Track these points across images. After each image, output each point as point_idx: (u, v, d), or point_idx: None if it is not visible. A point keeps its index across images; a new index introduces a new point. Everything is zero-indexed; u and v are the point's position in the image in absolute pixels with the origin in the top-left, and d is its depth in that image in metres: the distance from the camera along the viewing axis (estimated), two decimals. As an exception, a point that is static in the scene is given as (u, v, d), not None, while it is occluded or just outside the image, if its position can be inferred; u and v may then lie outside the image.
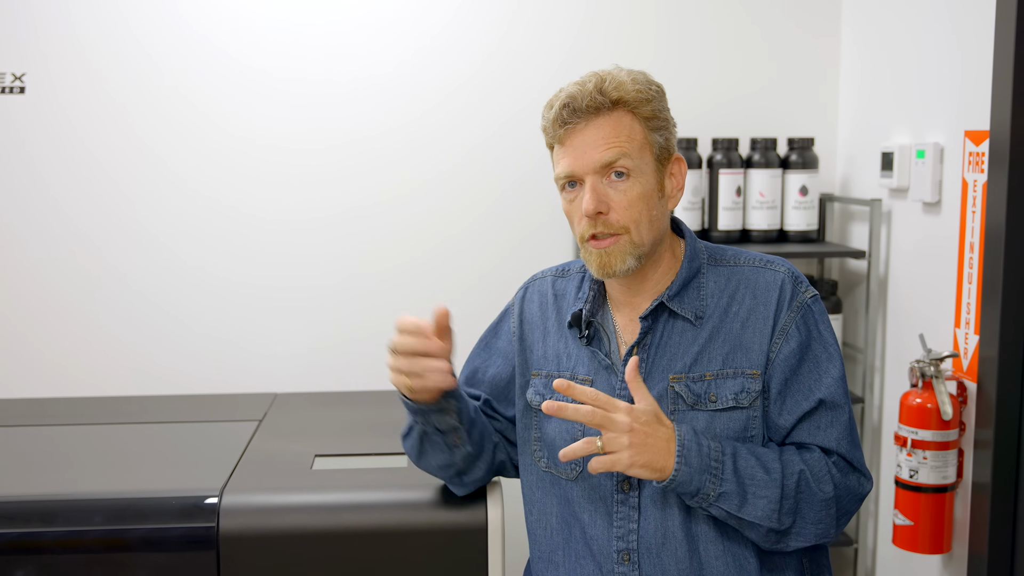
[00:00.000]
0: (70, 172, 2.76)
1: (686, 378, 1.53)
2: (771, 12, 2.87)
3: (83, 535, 1.79)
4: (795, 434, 1.54)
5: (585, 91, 1.50)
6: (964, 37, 2.28)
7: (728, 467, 1.45)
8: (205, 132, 2.78)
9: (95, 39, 2.74)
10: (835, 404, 1.53)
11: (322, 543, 1.76)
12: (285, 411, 2.34)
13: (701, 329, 1.55)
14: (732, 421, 1.51)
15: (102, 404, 2.50)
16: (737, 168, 2.74)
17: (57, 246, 2.78)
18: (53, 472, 2.00)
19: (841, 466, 1.53)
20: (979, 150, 2.21)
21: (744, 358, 1.53)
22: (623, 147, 1.49)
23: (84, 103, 2.75)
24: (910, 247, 2.55)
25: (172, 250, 2.81)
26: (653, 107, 1.52)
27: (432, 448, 1.65)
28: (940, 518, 2.28)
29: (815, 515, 1.49)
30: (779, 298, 1.55)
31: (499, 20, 2.82)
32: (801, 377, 1.53)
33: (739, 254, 1.61)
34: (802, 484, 1.48)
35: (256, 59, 2.77)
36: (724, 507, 1.46)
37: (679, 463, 1.43)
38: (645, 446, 1.42)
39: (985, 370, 2.18)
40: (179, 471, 1.97)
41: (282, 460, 1.98)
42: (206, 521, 1.77)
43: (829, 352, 1.55)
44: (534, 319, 1.69)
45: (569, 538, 1.59)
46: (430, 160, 2.84)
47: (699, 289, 1.57)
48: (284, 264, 2.84)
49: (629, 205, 1.49)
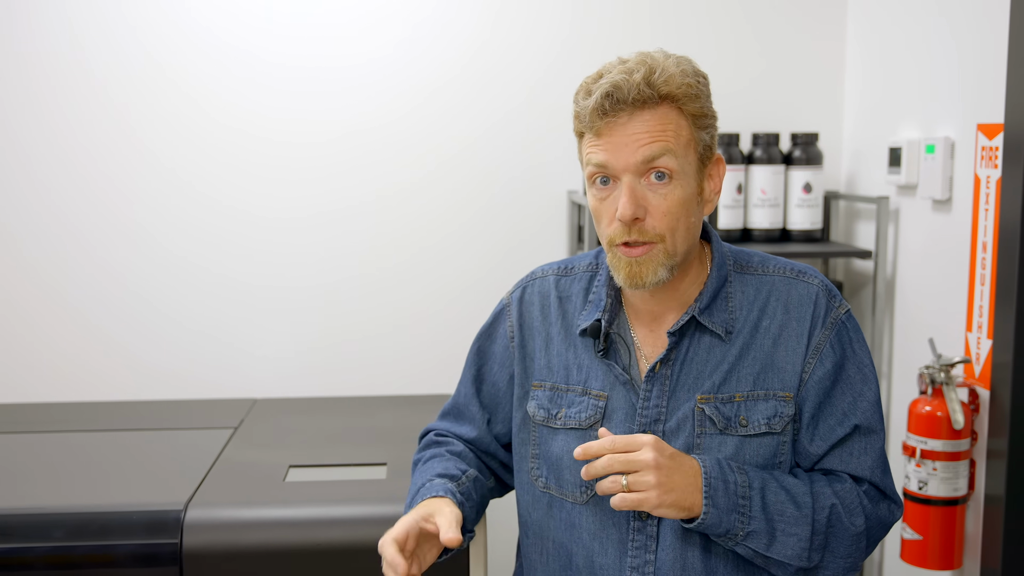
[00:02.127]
0: (63, 165, 2.68)
1: (715, 399, 1.42)
2: (771, 2, 2.81)
3: (40, 552, 1.72)
4: (826, 461, 1.45)
5: (632, 82, 1.36)
6: (977, 26, 2.23)
7: (756, 504, 1.36)
8: (197, 123, 2.70)
9: (91, 34, 2.66)
10: (870, 430, 1.45)
11: (293, 560, 1.69)
12: (263, 418, 2.27)
13: (731, 345, 1.45)
14: (762, 447, 1.42)
15: (69, 410, 2.42)
16: (738, 164, 2.69)
17: (42, 239, 2.69)
18: (9, 483, 1.93)
19: (872, 495, 1.45)
20: (992, 144, 2.16)
21: (776, 379, 1.43)
22: (668, 143, 1.37)
23: (80, 98, 2.68)
24: (919, 247, 2.50)
25: (163, 245, 2.72)
26: (701, 104, 1.40)
27: None
28: (951, 532, 2.23)
29: (845, 550, 1.41)
30: (813, 314, 1.45)
31: (489, 12, 2.75)
32: (835, 401, 1.45)
33: (766, 261, 1.51)
34: (833, 518, 1.40)
35: (252, 51, 2.70)
36: (752, 546, 1.37)
37: (707, 504, 1.34)
38: (672, 483, 1.32)
39: (999, 377, 2.13)
40: (145, 483, 1.89)
41: (254, 471, 1.91)
42: (169, 537, 1.69)
43: (864, 373, 1.46)
44: (534, 324, 1.56)
45: (568, 566, 1.48)
46: (423, 157, 2.77)
47: (727, 300, 1.47)
48: (276, 263, 2.76)
49: (668, 212, 1.38)
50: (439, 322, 2.79)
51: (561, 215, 2.81)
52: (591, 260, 1.56)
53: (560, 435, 1.48)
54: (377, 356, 2.76)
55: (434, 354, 2.75)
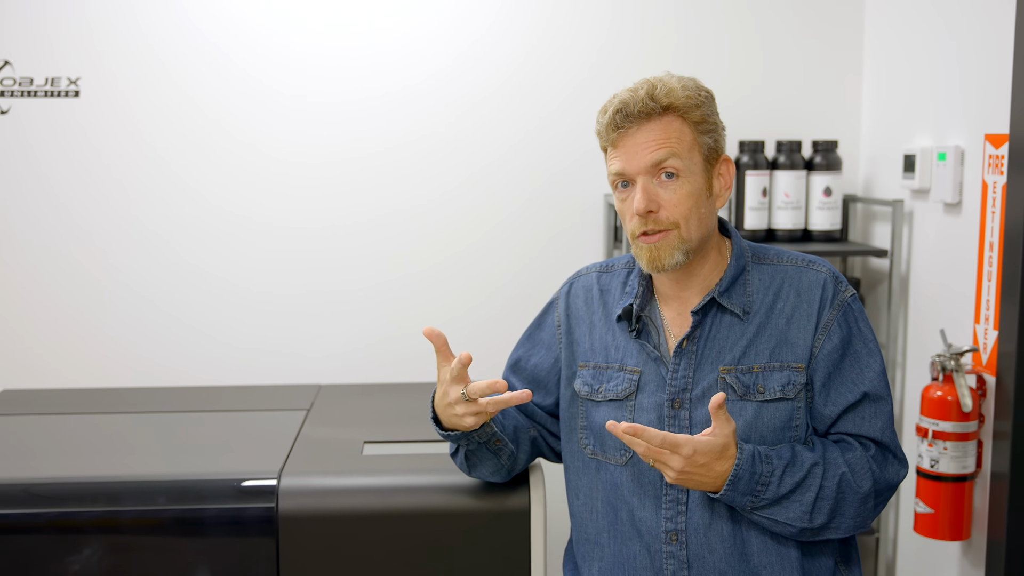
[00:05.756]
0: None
1: (735, 370, 1.61)
2: (796, 20, 2.94)
3: (149, 515, 1.88)
4: (840, 424, 1.63)
5: (637, 97, 1.57)
6: (985, 42, 2.33)
7: (772, 488, 1.55)
8: (248, 157, 2.91)
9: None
10: (878, 396, 1.62)
11: (374, 523, 1.85)
12: (331, 401, 2.44)
13: (748, 324, 1.63)
14: (779, 411, 1.60)
15: (159, 394, 2.59)
16: (763, 170, 2.80)
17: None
18: (118, 456, 2.10)
19: (879, 458, 1.62)
20: (999, 153, 2.26)
21: (790, 352, 1.61)
22: (672, 147, 1.57)
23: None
24: (931, 246, 2.60)
25: (227, 267, 2.95)
26: (702, 112, 1.59)
27: (480, 459, 1.76)
28: (960, 506, 2.34)
29: (854, 511, 1.59)
30: (822, 296, 1.63)
31: (531, 29, 2.91)
32: (844, 371, 1.62)
33: (781, 253, 1.69)
34: (843, 485, 1.57)
35: (296, 86, 2.90)
36: (759, 514, 1.57)
37: (727, 489, 1.53)
38: (690, 481, 1.52)
39: (1004, 364, 2.23)
40: (237, 456, 2.07)
41: (333, 446, 2.08)
42: (266, 502, 1.86)
43: (869, 348, 1.64)
44: (579, 313, 1.76)
45: (615, 520, 1.67)
46: (459, 166, 2.94)
47: (745, 285, 1.65)
48: (332, 268, 2.96)
49: (679, 203, 1.57)
50: (484, 313, 2.95)
51: (599, 216, 2.98)
52: (628, 259, 1.76)
53: (602, 407, 1.68)
54: (429, 347, 2.94)
55: (483, 342, 2.88)
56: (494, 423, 1.68)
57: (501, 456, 1.74)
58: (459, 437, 1.68)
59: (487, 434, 1.68)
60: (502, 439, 1.71)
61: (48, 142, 2.85)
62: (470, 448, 1.72)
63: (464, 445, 1.72)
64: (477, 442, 1.70)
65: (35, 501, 1.90)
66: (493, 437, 1.69)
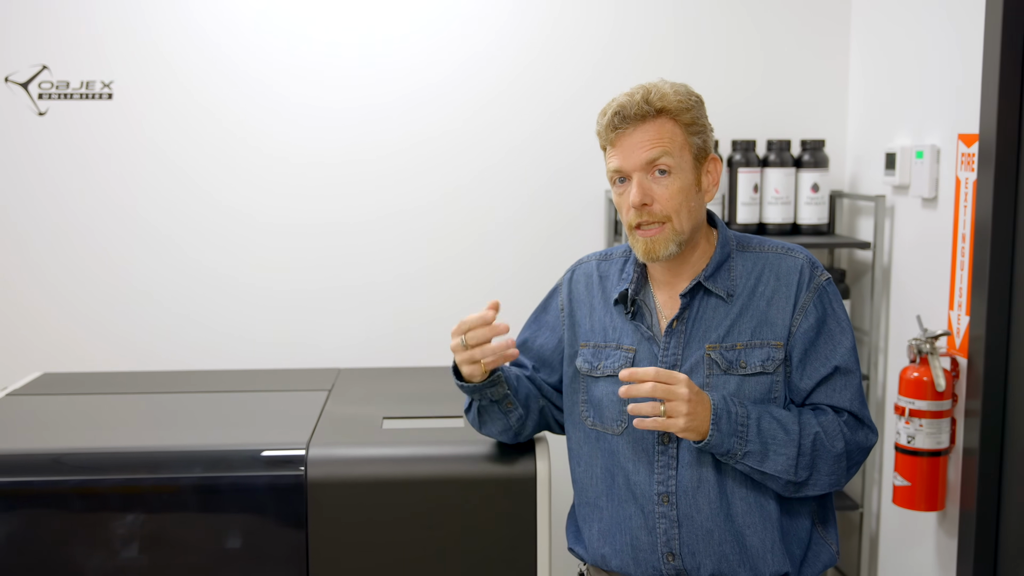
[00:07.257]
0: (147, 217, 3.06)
1: (720, 347, 1.76)
2: (785, 27, 3.07)
3: (187, 482, 2.04)
4: (814, 396, 1.77)
5: (633, 101, 1.73)
6: (961, 48, 2.45)
7: (752, 430, 1.69)
8: (274, 167, 3.08)
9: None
10: (848, 370, 1.77)
11: (393, 489, 2.01)
12: (351, 382, 2.60)
13: (732, 306, 1.78)
14: (759, 384, 1.75)
15: (193, 376, 2.76)
16: (754, 167, 2.92)
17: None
18: (158, 430, 2.27)
19: (851, 424, 1.76)
20: (970, 151, 2.38)
21: (769, 331, 1.76)
22: (665, 147, 1.72)
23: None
24: (910, 238, 2.71)
25: (255, 258, 3.12)
26: (692, 115, 1.75)
27: (491, 417, 1.92)
28: (935, 479, 2.47)
29: (828, 468, 1.73)
30: (799, 281, 1.77)
31: (534, 37, 3.06)
32: (819, 348, 1.76)
33: (763, 242, 1.85)
34: (817, 443, 1.71)
35: (312, 94, 3.06)
36: (748, 463, 1.70)
37: (713, 428, 1.67)
38: (696, 413, 1.65)
39: (975, 347, 2.36)
40: (268, 430, 2.23)
41: (355, 421, 2.24)
42: (295, 469, 2.02)
43: (842, 327, 1.78)
44: (581, 297, 1.92)
45: (612, 485, 1.82)
46: (468, 165, 3.09)
47: (730, 271, 1.80)
48: (349, 261, 3.12)
49: (670, 197, 1.73)
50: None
51: (599, 210, 3.12)
52: (625, 249, 1.92)
53: (601, 382, 1.83)
54: (443, 335, 3.10)
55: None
56: (508, 386, 1.85)
57: (511, 417, 1.90)
58: (473, 389, 1.84)
59: (500, 393, 1.85)
60: (513, 402, 1.88)
61: (86, 141, 3.03)
62: (482, 404, 1.89)
63: (477, 400, 1.88)
64: (490, 399, 1.86)
65: (88, 468, 2.07)
66: (506, 399, 1.86)
